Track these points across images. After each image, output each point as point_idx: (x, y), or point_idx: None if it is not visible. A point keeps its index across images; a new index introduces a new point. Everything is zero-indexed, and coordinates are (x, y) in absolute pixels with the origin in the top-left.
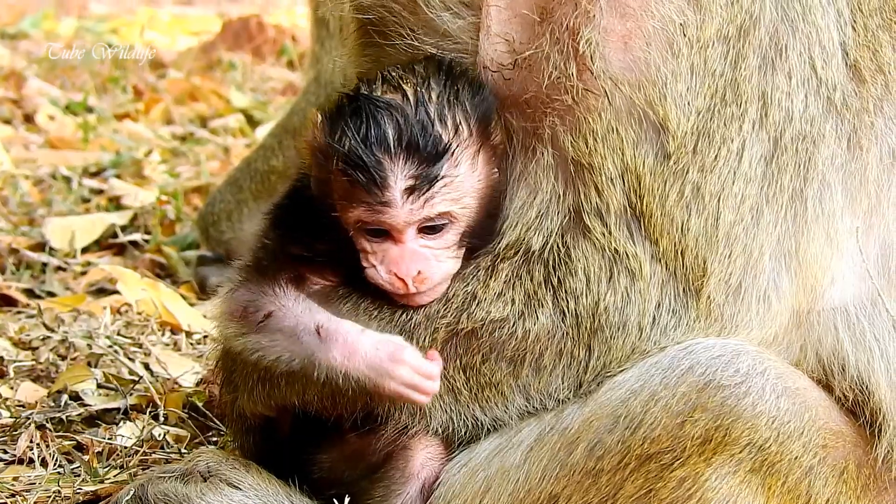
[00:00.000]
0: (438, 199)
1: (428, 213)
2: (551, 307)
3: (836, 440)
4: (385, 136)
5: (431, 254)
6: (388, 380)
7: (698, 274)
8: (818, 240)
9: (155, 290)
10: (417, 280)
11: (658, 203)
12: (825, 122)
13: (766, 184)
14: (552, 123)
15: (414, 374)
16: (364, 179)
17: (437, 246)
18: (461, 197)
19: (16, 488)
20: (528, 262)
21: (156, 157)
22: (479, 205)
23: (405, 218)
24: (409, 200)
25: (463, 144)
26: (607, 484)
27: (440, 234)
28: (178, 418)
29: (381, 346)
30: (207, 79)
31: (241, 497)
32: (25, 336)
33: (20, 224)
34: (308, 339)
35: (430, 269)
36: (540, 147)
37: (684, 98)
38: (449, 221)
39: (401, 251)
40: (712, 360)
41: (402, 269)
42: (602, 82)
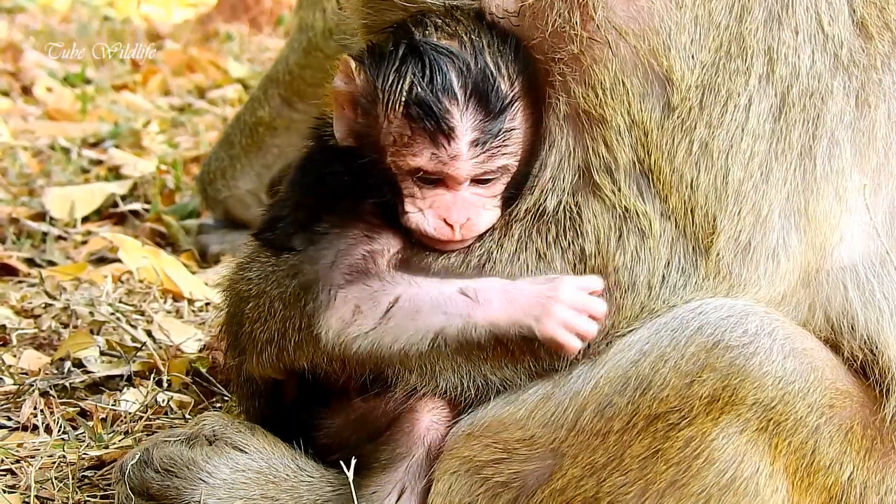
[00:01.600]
0: (500, 153)
1: (490, 167)
2: (559, 268)
3: (843, 400)
4: (451, 84)
5: (481, 202)
6: (555, 305)
7: (708, 231)
8: (827, 197)
9: (156, 257)
10: (465, 227)
11: (666, 159)
12: (833, 79)
13: (775, 140)
14: (561, 72)
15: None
16: (432, 128)
17: (487, 195)
18: (517, 150)
19: (20, 454)
20: (540, 222)
21: (154, 127)
22: (525, 157)
23: (469, 171)
24: (474, 153)
25: (518, 96)
26: (615, 444)
27: (492, 184)
28: (181, 384)
29: (534, 287)
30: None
31: (247, 460)
32: (27, 304)
33: (20, 195)
34: (459, 303)
35: (478, 217)
36: (554, 94)
37: (688, 50)
38: (503, 173)
39: (454, 198)
40: (721, 320)
41: (452, 215)
42: (606, 32)
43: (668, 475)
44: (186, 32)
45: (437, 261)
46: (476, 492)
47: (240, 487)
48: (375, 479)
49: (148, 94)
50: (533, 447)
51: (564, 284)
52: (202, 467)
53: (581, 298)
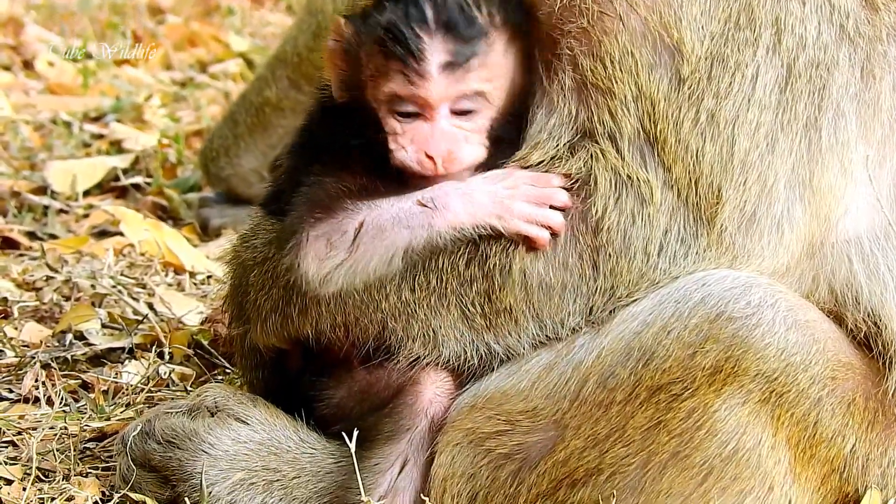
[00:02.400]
0: (473, 76)
1: (463, 89)
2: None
3: (846, 372)
4: (424, 14)
5: (462, 135)
6: (514, 203)
7: (712, 202)
8: (832, 169)
9: (158, 230)
10: (447, 160)
11: (673, 129)
12: (838, 50)
13: (781, 111)
14: (570, 45)
15: (537, 189)
16: (402, 51)
17: (469, 128)
18: (494, 78)
19: (22, 426)
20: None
21: (156, 101)
22: (509, 94)
23: (441, 92)
24: (445, 74)
25: (497, 30)
26: (617, 415)
27: (472, 117)
28: (183, 357)
29: (491, 186)
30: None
31: (249, 432)
32: (29, 277)
33: (21, 168)
34: (419, 215)
35: (460, 150)
36: (560, 67)
37: (699, 21)
38: (481, 103)
39: (432, 129)
40: (725, 291)
41: (432, 147)
42: (617, 4)
43: (671, 446)
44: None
45: None
46: (479, 463)
47: (241, 459)
48: (378, 451)
49: (150, 69)
50: (536, 419)
51: (520, 181)
52: (204, 439)
53: (538, 191)
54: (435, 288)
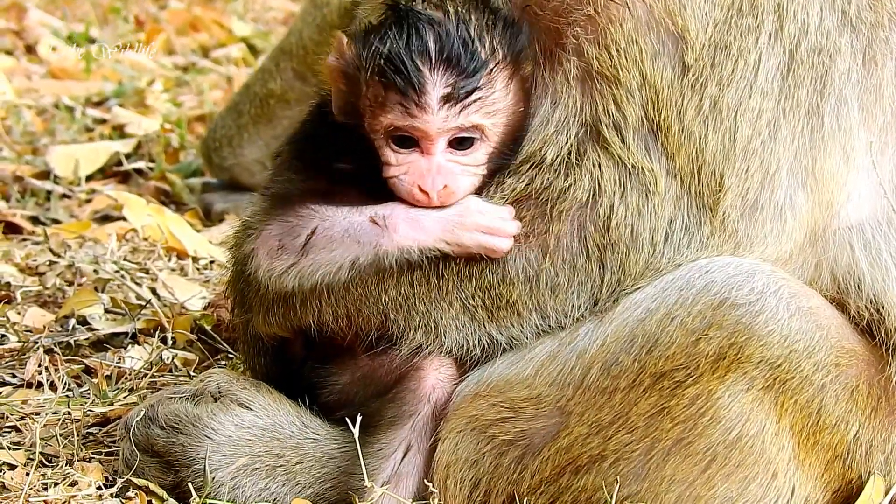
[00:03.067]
0: (473, 110)
1: (462, 123)
2: (564, 222)
3: (849, 359)
4: (426, 46)
5: (459, 169)
6: (463, 232)
7: (714, 189)
8: (834, 156)
9: (161, 215)
10: (442, 194)
11: (676, 118)
12: (840, 36)
13: (783, 98)
14: (576, 34)
15: (487, 218)
16: (402, 83)
17: (465, 162)
18: (494, 113)
19: (25, 411)
20: (539, 176)
21: (158, 86)
22: (507, 128)
23: (439, 125)
24: (445, 107)
25: (499, 65)
26: (621, 402)
27: (469, 151)
28: (186, 342)
29: (438, 213)
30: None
31: (252, 417)
32: (32, 262)
33: (24, 153)
34: (368, 232)
35: (455, 184)
36: (565, 57)
37: (702, 8)
38: (479, 137)
39: (428, 164)
40: (728, 278)
41: (427, 182)
42: None
43: (674, 433)
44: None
45: None
46: (482, 450)
47: (244, 444)
48: (381, 437)
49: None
50: (539, 406)
51: (471, 209)
52: (207, 424)
53: (487, 221)
54: (435, 283)
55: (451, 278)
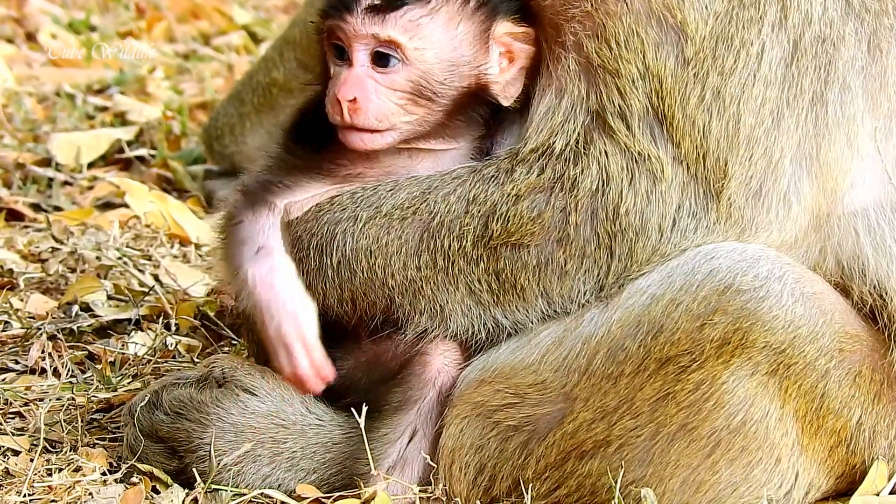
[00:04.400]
0: (393, 24)
1: (378, 32)
2: (572, 210)
3: (853, 344)
4: None
5: (373, 86)
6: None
7: (719, 176)
8: (839, 143)
9: (164, 202)
10: (352, 108)
11: (679, 106)
12: (844, 25)
13: (787, 86)
14: (574, 30)
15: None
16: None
17: (384, 82)
18: (420, 38)
19: (28, 397)
20: (550, 165)
21: (159, 74)
22: (444, 71)
23: (358, 27)
24: (369, 14)
25: (451, 4)
26: (626, 388)
27: (388, 70)
28: (189, 328)
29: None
30: None
31: (257, 403)
32: (34, 249)
33: (25, 140)
34: (247, 252)
35: (366, 100)
36: (564, 53)
37: (702, 1)
38: (400, 58)
39: (347, 74)
40: (733, 264)
41: (342, 90)
42: None
43: (679, 418)
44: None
45: None
46: (487, 435)
47: (249, 430)
48: (386, 422)
49: (153, 41)
50: (545, 391)
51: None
52: (212, 410)
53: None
54: (442, 266)
55: (459, 262)
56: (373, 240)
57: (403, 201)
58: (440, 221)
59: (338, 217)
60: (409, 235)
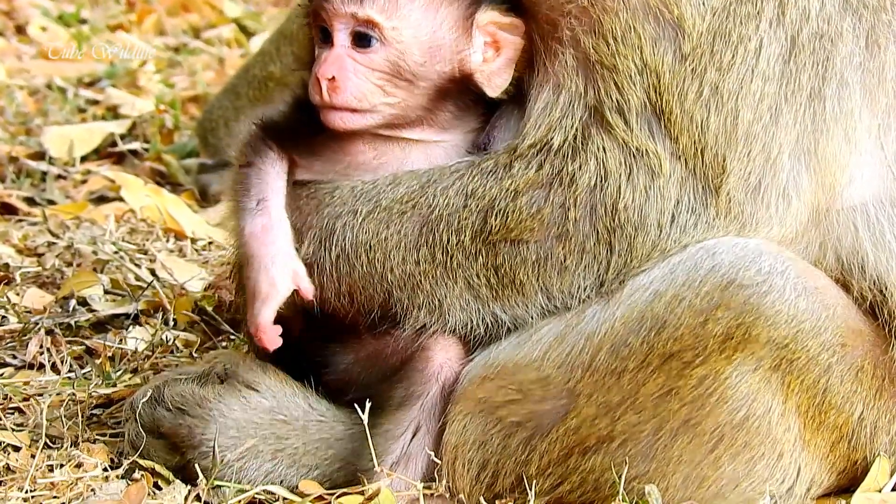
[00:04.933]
0: (371, 4)
1: (356, 11)
2: (571, 206)
3: (855, 339)
4: None
5: (353, 66)
6: (252, 284)
7: (718, 171)
8: (837, 138)
9: (159, 196)
10: (331, 86)
11: (677, 101)
12: (842, 21)
13: (785, 82)
14: (570, 26)
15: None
16: None
17: (363, 62)
18: (398, 18)
19: (27, 392)
20: (548, 160)
21: (150, 67)
22: (422, 53)
23: (337, 6)
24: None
25: None
26: (629, 383)
27: (368, 50)
28: (187, 323)
29: (273, 269)
30: None
31: (259, 399)
32: (31, 243)
33: (17, 134)
34: (248, 203)
35: (344, 79)
36: (561, 49)
37: None
38: (379, 39)
39: (328, 54)
40: (735, 259)
41: (321, 69)
42: None
43: (682, 414)
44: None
45: None
46: (490, 431)
47: (251, 426)
48: (389, 418)
49: (143, 34)
50: (548, 387)
51: (278, 281)
52: (214, 405)
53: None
54: (441, 261)
55: (457, 256)
56: (372, 234)
57: (403, 195)
58: (439, 215)
59: (338, 211)
60: (409, 229)
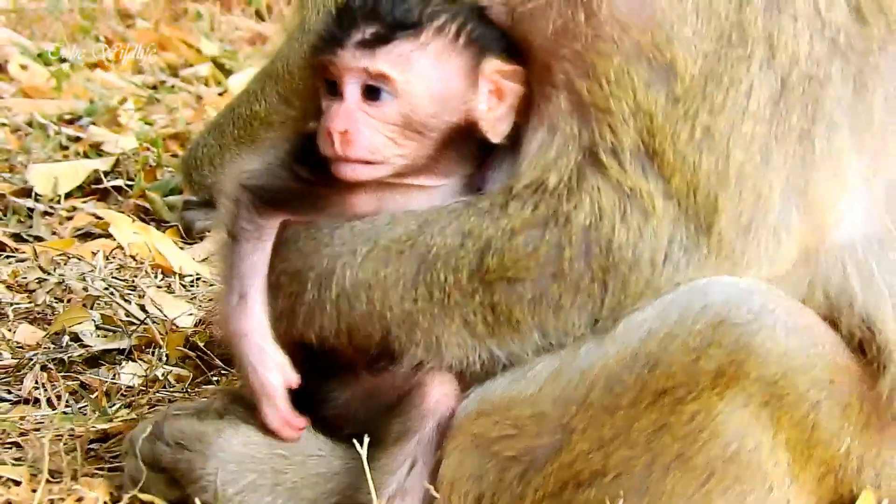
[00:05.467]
0: (384, 58)
1: (369, 66)
2: (567, 245)
3: (843, 376)
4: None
5: (365, 120)
6: (250, 381)
7: (710, 211)
8: (826, 179)
9: (147, 233)
10: (343, 140)
11: (670, 142)
12: (831, 64)
13: (775, 123)
14: (564, 69)
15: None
16: (333, 20)
17: (375, 115)
18: (412, 77)
19: (25, 427)
20: (544, 201)
21: (130, 105)
22: (433, 105)
23: (349, 60)
24: (360, 47)
25: (441, 39)
26: (623, 419)
27: (379, 104)
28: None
29: (262, 367)
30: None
31: (257, 434)
32: (22, 279)
33: (1, 171)
34: (230, 296)
35: (357, 132)
36: (555, 92)
37: (691, 41)
38: (391, 92)
39: (339, 107)
40: (727, 298)
41: (333, 122)
42: (610, 27)
43: (675, 448)
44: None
45: None
46: (486, 466)
47: (250, 461)
48: (386, 452)
49: (121, 72)
50: (543, 423)
51: (274, 396)
52: (213, 440)
53: (277, 408)
54: (438, 299)
55: (454, 295)
56: (371, 273)
57: (401, 235)
58: (436, 255)
59: (338, 251)
60: (407, 268)
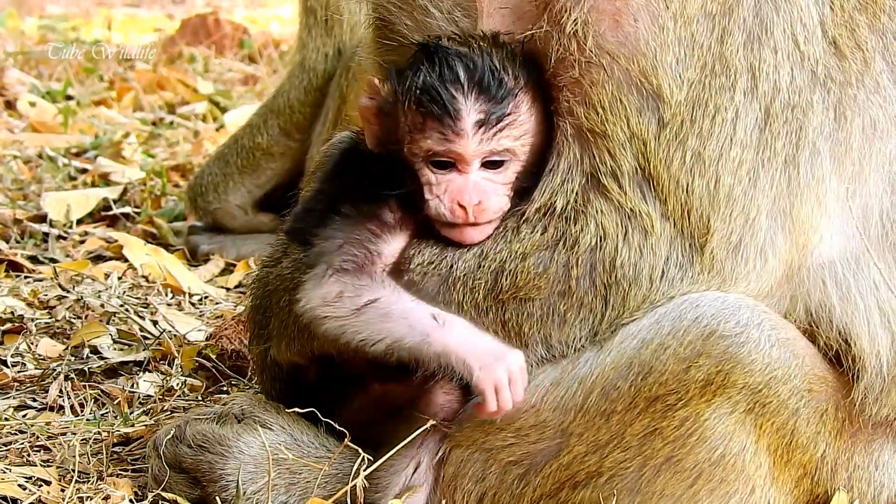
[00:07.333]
0: (504, 134)
1: (494, 147)
2: (574, 265)
3: (820, 385)
4: (458, 76)
5: (491, 187)
6: (494, 369)
7: (703, 231)
8: (809, 202)
9: (158, 254)
10: (477, 210)
11: (664, 167)
12: (812, 94)
13: (762, 149)
14: (566, 97)
15: (507, 381)
16: (439, 111)
17: (498, 181)
18: (521, 136)
19: (52, 432)
20: (552, 224)
21: (133, 139)
22: (532, 149)
23: (474, 148)
24: (480, 132)
25: (522, 90)
26: (617, 423)
27: (501, 170)
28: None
29: (493, 343)
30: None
31: (274, 437)
32: (43, 297)
33: (16, 199)
34: (424, 322)
35: (488, 200)
36: (560, 119)
37: (675, 69)
38: (510, 158)
39: (465, 181)
40: (716, 312)
41: (465, 197)
42: (600, 57)
43: (665, 451)
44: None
45: (454, 259)
46: (487, 469)
47: (266, 462)
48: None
49: (123, 109)
50: (543, 430)
51: (515, 355)
52: (233, 443)
53: (521, 374)
54: None
55: (470, 312)
56: None
57: (426, 259)
58: (456, 276)
59: None
60: (429, 288)
